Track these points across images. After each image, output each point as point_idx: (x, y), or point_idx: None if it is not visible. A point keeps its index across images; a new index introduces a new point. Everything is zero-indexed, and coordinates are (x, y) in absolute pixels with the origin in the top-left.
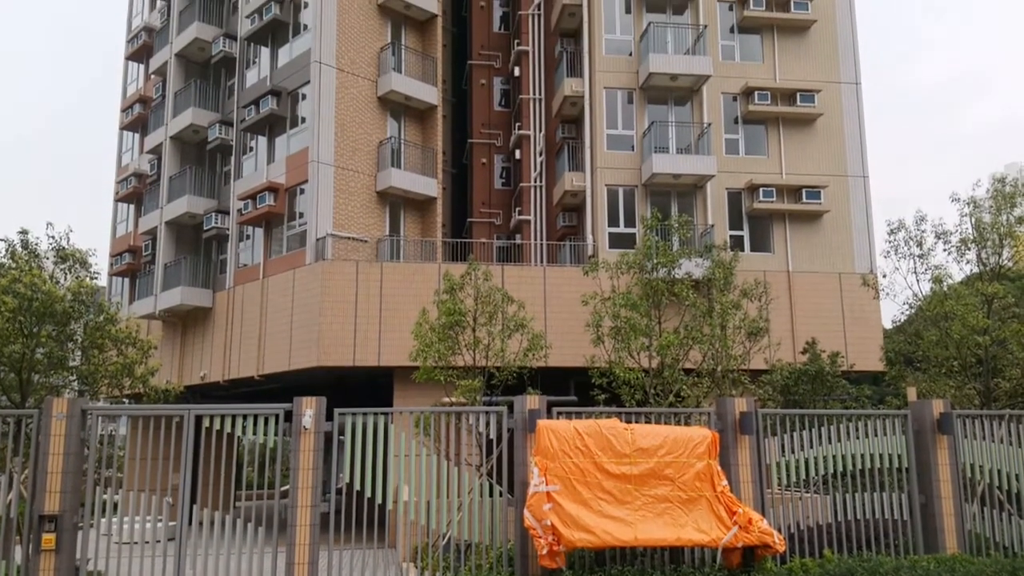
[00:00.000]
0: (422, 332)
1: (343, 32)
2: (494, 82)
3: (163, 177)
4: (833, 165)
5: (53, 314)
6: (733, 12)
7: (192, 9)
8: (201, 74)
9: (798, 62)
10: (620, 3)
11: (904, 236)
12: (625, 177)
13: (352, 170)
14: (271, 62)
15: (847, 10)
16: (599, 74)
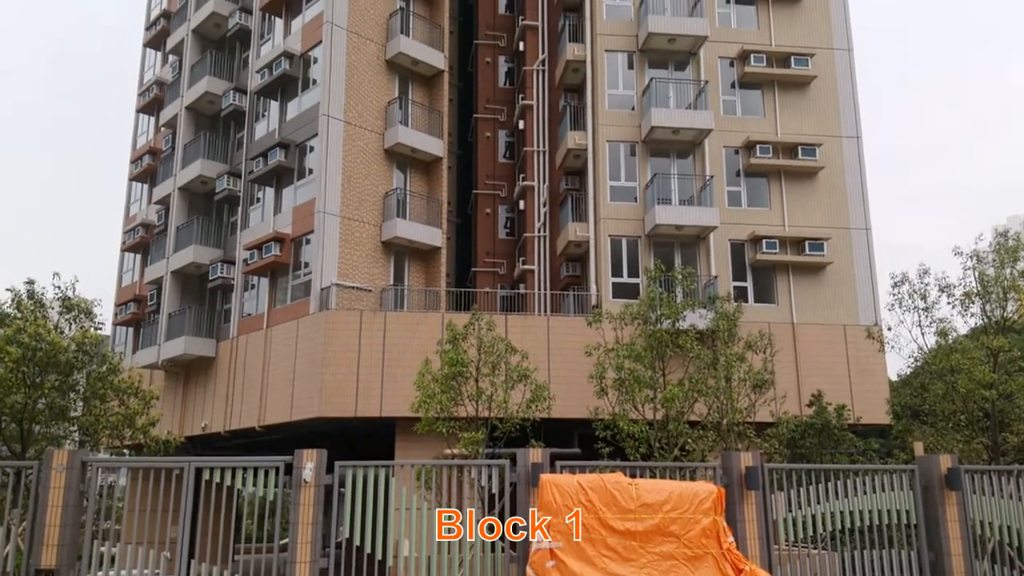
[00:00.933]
0: (424, 383)
1: (351, 86)
2: (499, 135)
3: (170, 227)
4: (835, 217)
5: (56, 364)
6: (734, 68)
7: (203, 64)
8: (211, 126)
9: (799, 116)
10: (623, 59)
11: (908, 289)
12: (628, 228)
13: (358, 220)
14: (280, 115)
15: (846, 66)
16: (602, 127)
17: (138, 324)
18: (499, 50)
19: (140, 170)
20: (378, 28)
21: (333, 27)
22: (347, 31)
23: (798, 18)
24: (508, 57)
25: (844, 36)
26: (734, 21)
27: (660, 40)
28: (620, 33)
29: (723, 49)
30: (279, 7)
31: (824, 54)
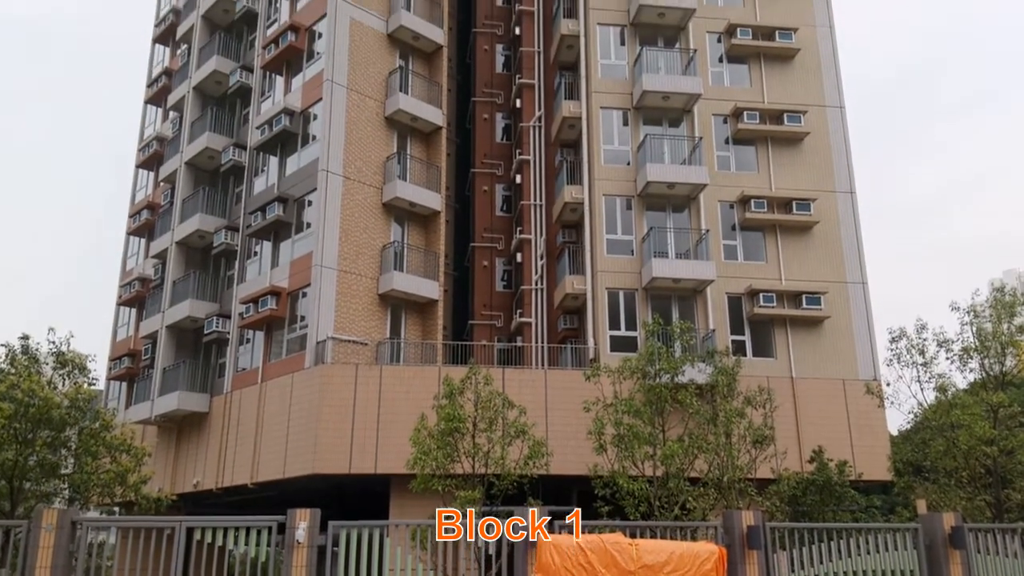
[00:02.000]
0: (420, 438)
1: (351, 142)
2: (496, 189)
3: (167, 281)
4: (832, 272)
5: (49, 420)
6: (727, 125)
7: (204, 120)
8: (210, 181)
9: (793, 172)
10: (618, 116)
11: (906, 344)
12: (625, 281)
13: (355, 273)
14: (279, 170)
15: (839, 123)
16: (598, 182)
17: (132, 379)
18: (496, 107)
19: (138, 224)
20: (378, 86)
21: (333, 85)
22: (347, 89)
23: (790, 76)
24: (505, 114)
25: (836, 94)
26: (727, 79)
27: (654, 98)
28: (615, 91)
29: (716, 106)
30: (280, 65)
31: (816, 111)
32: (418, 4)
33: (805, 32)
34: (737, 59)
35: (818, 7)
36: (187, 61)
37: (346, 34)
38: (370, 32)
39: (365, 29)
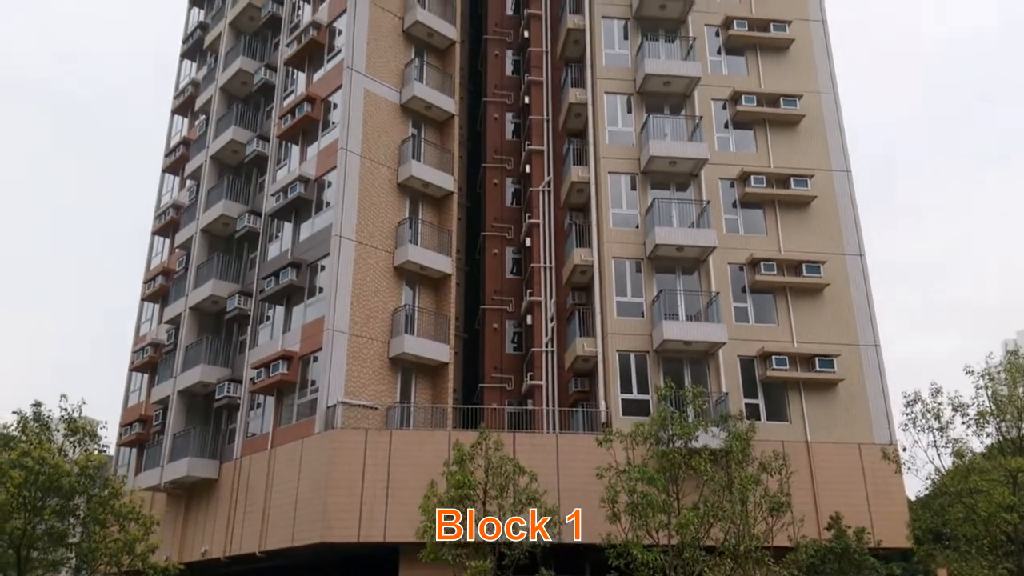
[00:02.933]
0: (430, 506)
1: (364, 208)
2: (506, 252)
3: (179, 347)
4: (844, 334)
5: (59, 488)
6: (734, 188)
7: (220, 188)
8: (224, 248)
9: (801, 234)
10: (626, 180)
11: (921, 409)
12: (636, 343)
13: (366, 337)
14: (293, 236)
15: (845, 186)
16: (607, 244)
17: (142, 445)
18: (506, 172)
19: (153, 290)
20: (391, 153)
21: (347, 153)
22: (361, 157)
23: (795, 141)
24: (515, 179)
25: (841, 158)
26: (733, 144)
27: (662, 163)
28: (623, 156)
29: (723, 171)
30: (296, 135)
31: (823, 175)
32: (431, 76)
33: (809, 99)
34: (743, 125)
35: (821, 74)
36: (205, 131)
37: (360, 105)
38: (384, 103)
39: (379, 100)
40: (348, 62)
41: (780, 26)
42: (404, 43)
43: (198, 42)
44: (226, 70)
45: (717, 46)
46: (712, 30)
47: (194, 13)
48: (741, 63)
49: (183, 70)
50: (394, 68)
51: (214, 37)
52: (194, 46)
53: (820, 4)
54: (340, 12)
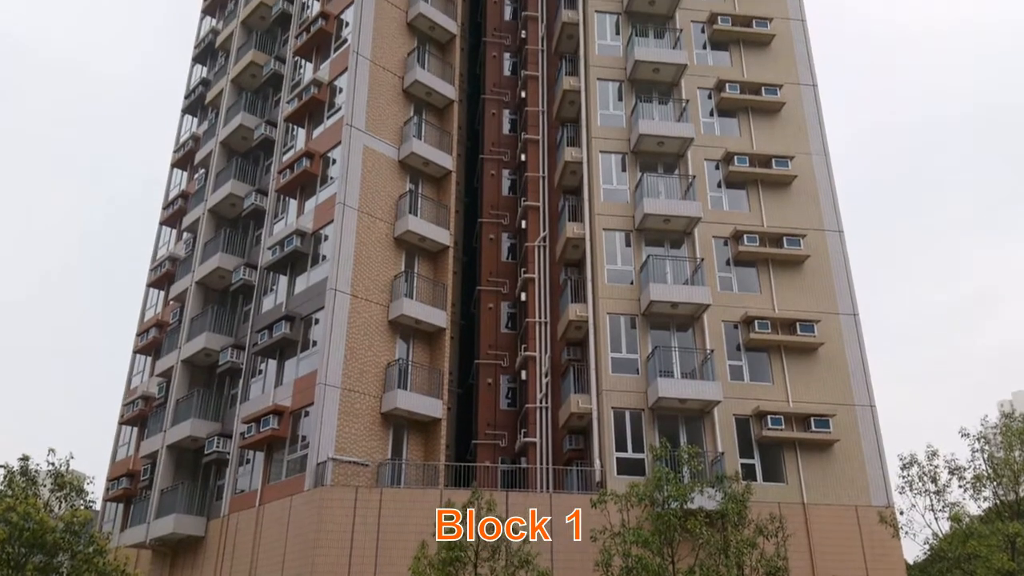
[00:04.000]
0: (420, 568)
1: (360, 262)
2: (501, 306)
3: (170, 400)
4: (839, 394)
5: (43, 545)
6: (728, 247)
7: (217, 241)
8: (219, 300)
9: (795, 293)
10: (620, 237)
11: (917, 472)
12: (631, 400)
13: (358, 392)
14: (288, 289)
15: (838, 247)
16: (602, 300)
17: (129, 500)
18: (502, 227)
19: (145, 343)
20: (388, 208)
21: (345, 208)
22: (358, 211)
23: (788, 201)
24: (511, 234)
25: (834, 218)
26: (726, 204)
27: (656, 220)
28: (617, 213)
29: (717, 229)
30: (294, 189)
31: (815, 235)
32: (429, 133)
33: (801, 160)
34: (736, 184)
35: (813, 136)
36: (204, 184)
37: (359, 160)
38: (382, 159)
39: (378, 156)
40: (348, 119)
41: (772, 89)
42: (404, 101)
43: (200, 98)
44: (227, 125)
45: (710, 108)
46: (704, 93)
47: (197, 69)
48: (734, 125)
49: (184, 125)
50: (393, 125)
51: (216, 93)
52: (196, 102)
53: (812, 70)
54: (341, 71)
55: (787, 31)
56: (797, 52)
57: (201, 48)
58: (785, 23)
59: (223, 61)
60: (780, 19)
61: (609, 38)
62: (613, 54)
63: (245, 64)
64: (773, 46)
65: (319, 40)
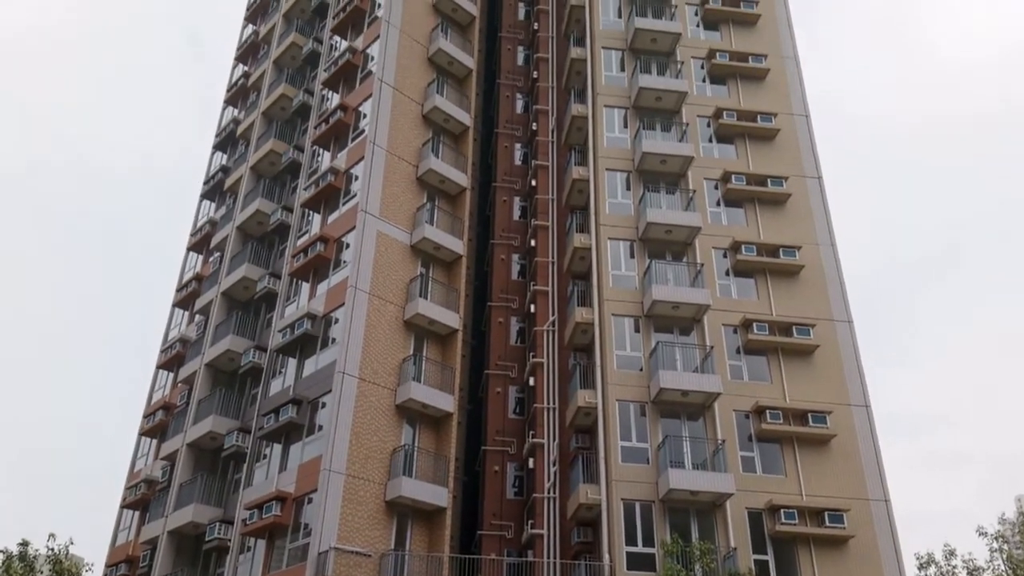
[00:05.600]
0: None
1: (368, 345)
2: (509, 391)
3: (173, 484)
4: (852, 487)
5: None
6: (738, 335)
7: (228, 323)
8: (227, 383)
9: (806, 384)
10: (629, 323)
11: (935, 572)
12: (641, 491)
13: (363, 478)
14: (296, 372)
15: (848, 336)
16: (611, 387)
17: None
18: (511, 311)
19: (152, 425)
20: (398, 292)
21: (356, 291)
22: (369, 294)
23: (797, 290)
24: (520, 318)
25: (843, 308)
26: (735, 292)
27: (664, 307)
28: (626, 299)
29: (726, 317)
30: (307, 273)
31: (825, 324)
32: (441, 219)
33: (808, 249)
34: (744, 273)
35: (819, 227)
36: (218, 268)
37: (372, 245)
38: (395, 243)
39: (390, 240)
40: (363, 205)
41: (777, 181)
42: (417, 188)
43: (219, 184)
44: (244, 210)
45: (717, 198)
46: (711, 183)
47: (217, 157)
48: (741, 215)
49: (202, 209)
50: (406, 211)
51: (235, 179)
52: (214, 187)
53: (816, 163)
54: (358, 159)
55: (791, 125)
56: (802, 145)
57: (222, 137)
58: (789, 118)
59: (243, 149)
60: (784, 114)
61: (617, 131)
62: (621, 146)
63: (265, 152)
64: (778, 140)
65: (337, 130)
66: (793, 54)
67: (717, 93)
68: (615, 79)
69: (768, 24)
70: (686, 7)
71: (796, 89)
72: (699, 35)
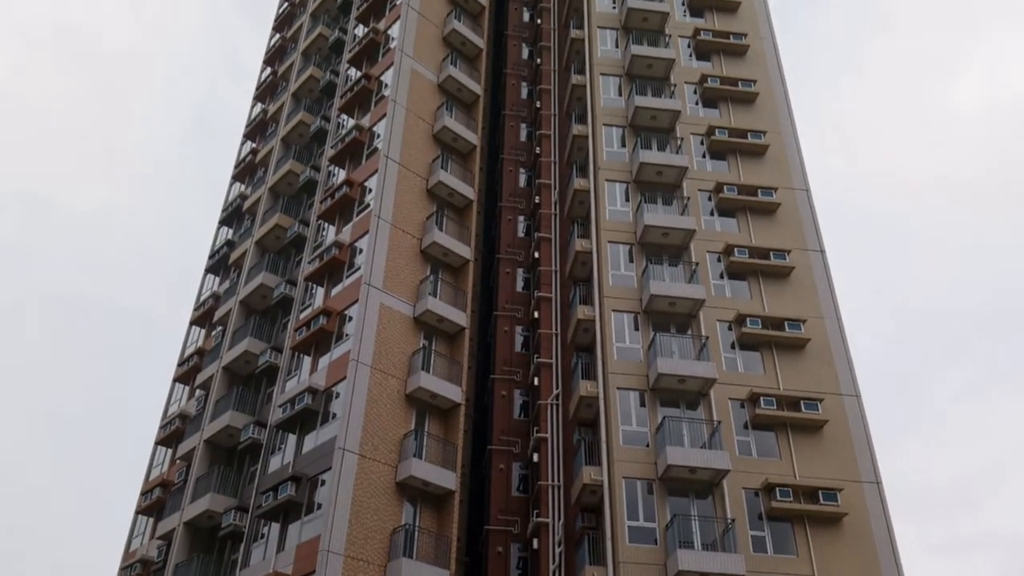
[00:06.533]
0: None
1: (369, 420)
2: (513, 467)
3: (169, 564)
4: (866, 569)
5: None
6: (745, 409)
7: (228, 399)
8: (226, 459)
9: (816, 460)
10: (635, 396)
11: None
12: (650, 574)
13: (362, 560)
14: (296, 449)
15: (857, 412)
16: (617, 463)
17: None
18: (515, 384)
19: (149, 503)
20: (401, 365)
21: (358, 365)
22: (371, 368)
23: (803, 364)
24: (523, 391)
25: (850, 383)
26: (741, 365)
27: (670, 380)
28: (631, 372)
29: (733, 391)
30: (309, 346)
31: (833, 399)
32: (444, 291)
33: (814, 323)
34: (749, 346)
35: (823, 301)
36: (220, 342)
37: (375, 318)
38: (398, 316)
39: (393, 313)
40: (367, 278)
41: (780, 254)
42: (421, 260)
43: (223, 258)
44: (248, 284)
45: (720, 271)
46: (714, 256)
47: (223, 231)
48: (744, 287)
49: (206, 284)
50: (410, 284)
51: (240, 254)
52: (219, 262)
53: (818, 236)
54: (362, 233)
55: (792, 199)
56: (803, 219)
57: (228, 211)
58: (790, 192)
59: (249, 224)
60: (785, 188)
61: (619, 204)
62: (623, 219)
63: (270, 227)
64: (779, 213)
65: (343, 205)
66: (791, 130)
67: (717, 168)
68: (616, 154)
69: (766, 101)
70: (685, 86)
71: (796, 164)
72: (698, 112)
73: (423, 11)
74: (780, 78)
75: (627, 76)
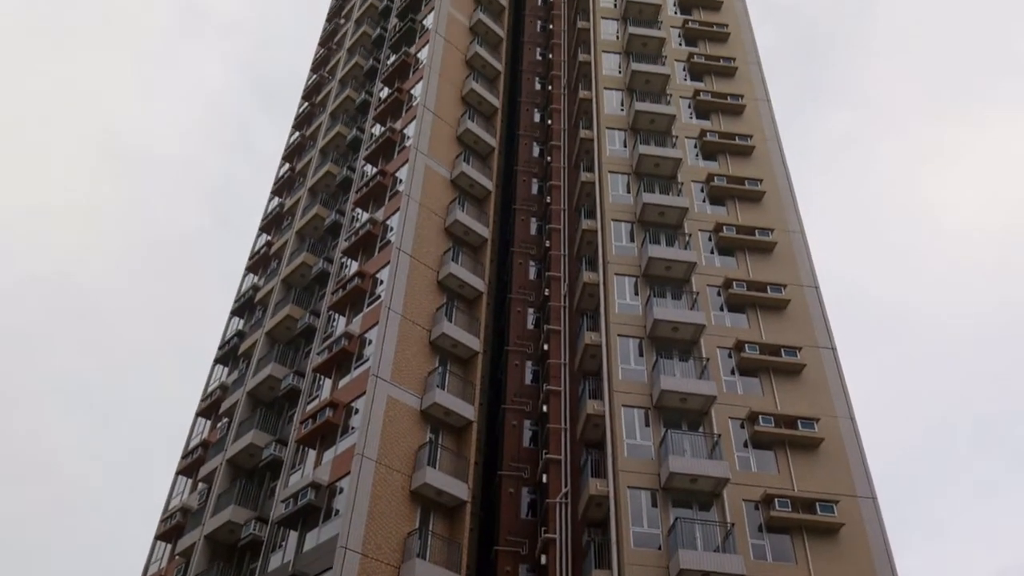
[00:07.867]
0: None
1: (373, 517)
2: (520, 570)
3: None
4: None
5: None
6: (759, 511)
7: (231, 493)
8: (226, 557)
9: (834, 565)
10: (646, 496)
11: None
12: None
13: None
14: (297, 547)
15: (873, 515)
16: (628, 567)
17: None
18: (523, 481)
19: None
20: (406, 459)
21: (363, 459)
22: (376, 463)
23: (818, 464)
24: (531, 488)
25: (866, 485)
26: (754, 465)
27: (682, 480)
28: (642, 470)
29: (746, 492)
30: (314, 440)
31: (848, 501)
32: (452, 383)
33: (827, 422)
34: (762, 445)
35: (836, 399)
36: (226, 434)
37: (382, 411)
38: (404, 408)
39: (400, 405)
40: (375, 369)
41: (791, 351)
42: (429, 352)
43: (233, 348)
44: (256, 375)
45: (731, 367)
46: (724, 352)
47: (234, 322)
48: (755, 384)
49: (214, 374)
50: (418, 375)
51: (249, 344)
52: (228, 352)
53: (829, 334)
54: (372, 324)
55: (801, 296)
56: (813, 316)
57: (241, 302)
58: (799, 289)
59: (260, 315)
60: (793, 285)
61: (628, 297)
62: (632, 312)
63: (281, 318)
64: (789, 310)
65: (354, 296)
66: (799, 227)
67: (726, 264)
68: (625, 249)
69: (772, 198)
70: (692, 184)
71: (804, 261)
72: (706, 209)
73: (438, 111)
74: (786, 176)
75: (635, 174)
